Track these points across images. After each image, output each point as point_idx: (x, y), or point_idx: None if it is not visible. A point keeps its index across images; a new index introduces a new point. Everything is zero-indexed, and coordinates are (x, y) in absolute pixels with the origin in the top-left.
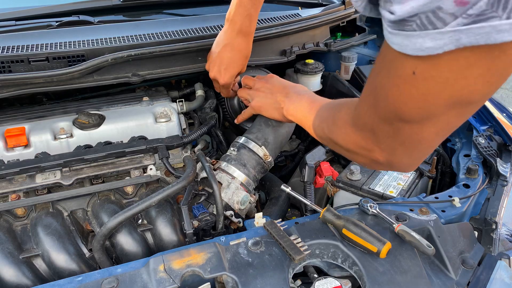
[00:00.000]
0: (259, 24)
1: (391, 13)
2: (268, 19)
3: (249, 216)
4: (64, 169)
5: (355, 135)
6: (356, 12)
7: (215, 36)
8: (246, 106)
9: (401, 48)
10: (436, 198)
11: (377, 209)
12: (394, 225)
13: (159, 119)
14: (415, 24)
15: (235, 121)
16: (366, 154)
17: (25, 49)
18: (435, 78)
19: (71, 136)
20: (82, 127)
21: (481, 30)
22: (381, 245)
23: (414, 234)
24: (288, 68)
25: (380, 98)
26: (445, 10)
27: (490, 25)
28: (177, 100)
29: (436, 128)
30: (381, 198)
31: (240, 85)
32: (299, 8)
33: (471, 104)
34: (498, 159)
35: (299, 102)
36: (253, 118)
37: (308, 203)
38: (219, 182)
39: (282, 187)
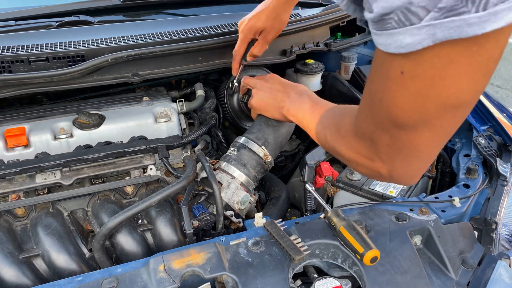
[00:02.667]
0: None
1: (370, 12)
2: None
3: (249, 216)
4: (64, 169)
5: (357, 144)
6: None
7: (215, 36)
8: (246, 106)
9: (386, 47)
10: (436, 198)
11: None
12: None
13: (159, 119)
14: (394, 21)
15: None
16: (368, 165)
17: (25, 49)
18: (421, 77)
19: (71, 136)
20: (82, 127)
21: (452, 24)
22: (367, 250)
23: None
24: (288, 68)
25: (375, 103)
26: (416, 3)
27: (460, 18)
28: (177, 100)
29: (431, 133)
30: (381, 198)
31: (238, 89)
32: (299, 8)
33: (461, 105)
34: (498, 159)
35: (300, 103)
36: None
37: (327, 207)
38: (219, 182)
39: (307, 186)
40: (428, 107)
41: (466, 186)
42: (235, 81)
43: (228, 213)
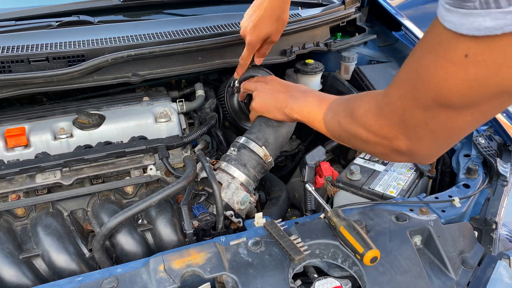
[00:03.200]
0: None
1: None
2: None
3: (249, 216)
4: (64, 169)
5: (378, 123)
6: (356, 12)
7: (215, 36)
8: (247, 106)
9: (455, 27)
10: (436, 198)
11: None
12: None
13: (159, 119)
14: (478, 2)
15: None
16: (387, 144)
17: (25, 49)
18: (488, 63)
19: (71, 136)
20: (82, 127)
21: None
22: (367, 250)
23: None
24: (288, 68)
25: (422, 81)
26: None
27: None
28: (177, 100)
29: (473, 117)
30: (381, 198)
31: (239, 90)
32: (299, 8)
33: None
34: (498, 159)
35: (304, 100)
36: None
37: (327, 207)
38: (219, 182)
39: (307, 186)
40: (483, 93)
41: (466, 186)
42: (236, 82)
43: (228, 213)
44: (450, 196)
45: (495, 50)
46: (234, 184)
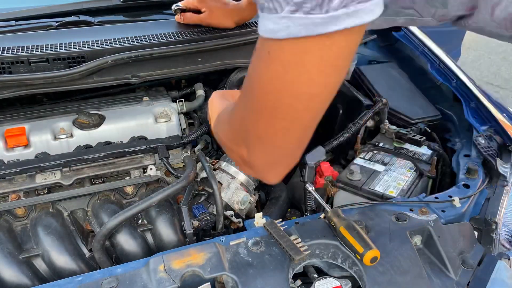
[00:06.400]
0: (258, 25)
1: None
2: None
3: (249, 216)
4: (64, 169)
5: (228, 130)
6: None
7: (214, 38)
8: None
9: (259, 29)
10: (436, 198)
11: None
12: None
13: (159, 119)
14: (266, 6)
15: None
16: (236, 150)
17: (25, 50)
18: (281, 60)
19: (71, 136)
20: (82, 127)
21: (301, 21)
22: (367, 250)
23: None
24: None
25: (247, 83)
26: None
27: (307, 17)
28: (177, 100)
29: (286, 122)
30: (381, 198)
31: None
32: None
33: (313, 97)
34: (498, 159)
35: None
36: None
37: (327, 207)
38: (219, 182)
39: (307, 186)
40: (283, 92)
41: (466, 186)
42: None
43: (228, 213)
44: (450, 196)
45: (285, 49)
46: (234, 184)
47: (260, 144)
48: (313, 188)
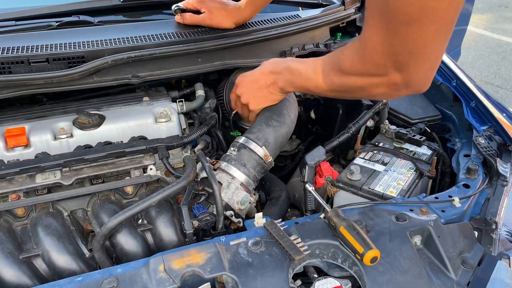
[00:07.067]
0: (258, 25)
1: None
2: (268, 20)
3: (249, 216)
4: (64, 169)
5: (366, 67)
6: (356, 12)
7: (214, 38)
8: (238, 118)
9: None
10: (436, 198)
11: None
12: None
13: (159, 119)
14: None
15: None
16: (383, 82)
17: (25, 50)
18: None
19: (71, 136)
20: (82, 127)
21: None
22: (367, 250)
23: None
24: None
25: (383, 6)
26: None
27: None
28: (177, 100)
29: (435, 25)
30: (381, 198)
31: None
32: (300, 8)
33: None
34: (498, 159)
35: (290, 72)
36: None
37: (327, 207)
38: (219, 182)
39: (307, 186)
40: None
41: (466, 186)
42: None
43: (228, 213)
44: (450, 196)
45: None
46: (234, 184)
47: (413, 58)
48: (313, 188)
